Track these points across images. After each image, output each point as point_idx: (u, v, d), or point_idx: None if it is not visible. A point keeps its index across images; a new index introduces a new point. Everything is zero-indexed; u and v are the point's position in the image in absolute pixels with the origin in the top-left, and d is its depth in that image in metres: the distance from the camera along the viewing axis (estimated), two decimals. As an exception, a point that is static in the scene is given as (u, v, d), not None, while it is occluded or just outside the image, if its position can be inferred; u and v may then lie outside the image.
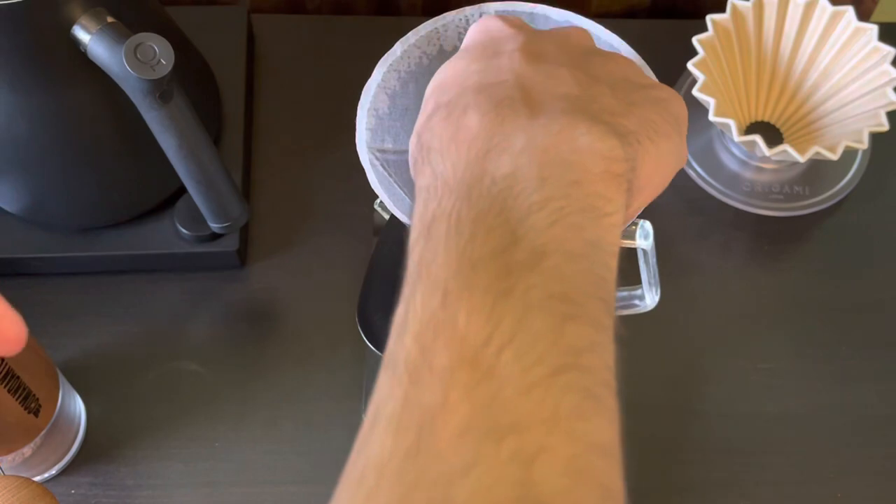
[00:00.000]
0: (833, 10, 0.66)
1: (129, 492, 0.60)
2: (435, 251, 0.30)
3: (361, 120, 0.41)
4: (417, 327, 0.29)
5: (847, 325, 0.66)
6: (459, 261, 0.29)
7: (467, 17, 0.42)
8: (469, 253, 0.29)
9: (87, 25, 0.51)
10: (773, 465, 0.61)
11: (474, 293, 0.28)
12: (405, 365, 0.28)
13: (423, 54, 0.42)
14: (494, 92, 0.33)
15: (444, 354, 0.27)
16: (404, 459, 0.26)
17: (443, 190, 0.31)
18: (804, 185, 0.69)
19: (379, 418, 0.28)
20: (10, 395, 0.51)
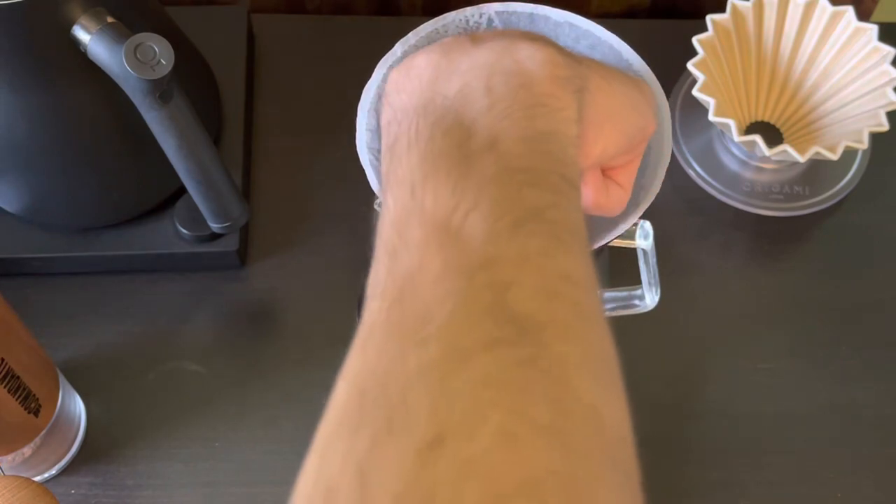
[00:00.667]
0: (833, 10, 0.66)
1: (129, 492, 0.60)
2: (399, 160, 0.33)
3: (361, 121, 0.41)
4: (392, 218, 0.31)
5: (847, 325, 0.66)
6: (421, 159, 0.32)
7: (467, 17, 0.42)
8: (428, 151, 0.32)
9: (87, 25, 0.51)
10: (773, 465, 0.61)
11: (438, 178, 0.31)
12: (385, 249, 0.31)
13: None
14: (442, 43, 0.36)
15: (416, 230, 0.30)
16: (389, 310, 0.29)
17: (401, 115, 0.34)
18: (804, 185, 0.69)
19: (369, 297, 0.30)
20: (10, 395, 0.51)
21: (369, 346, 0.28)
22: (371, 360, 0.28)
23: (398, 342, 0.28)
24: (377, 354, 0.28)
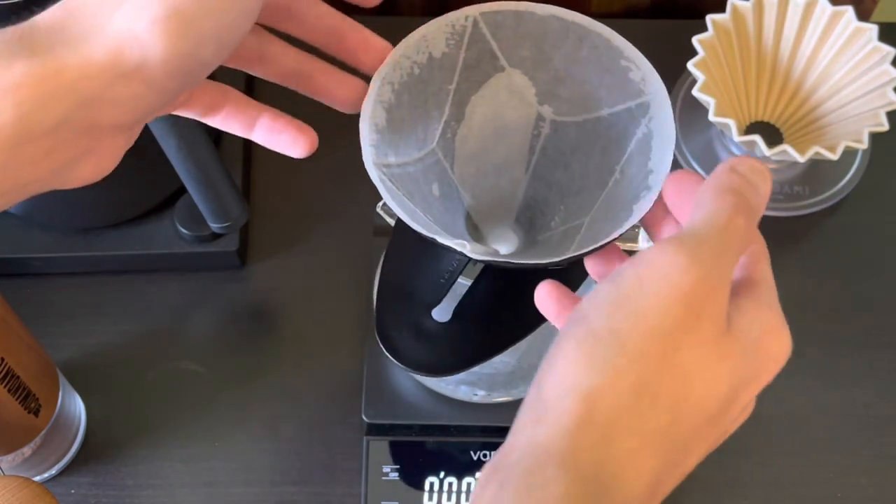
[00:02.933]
0: (833, 10, 0.65)
1: (129, 492, 0.60)
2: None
3: (365, 137, 0.40)
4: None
5: (847, 325, 0.66)
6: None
7: (452, 22, 0.42)
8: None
9: (87, 25, 0.51)
10: (773, 465, 0.61)
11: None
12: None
13: (414, 63, 0.42)
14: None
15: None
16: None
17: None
18: (804, 185, 0.69)
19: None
20: (10, 395, 0.51)
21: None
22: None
23: None
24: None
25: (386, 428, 0.60)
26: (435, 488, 0.59)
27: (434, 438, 0.60)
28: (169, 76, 0.33)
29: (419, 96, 0.42)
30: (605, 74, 0.42)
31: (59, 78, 0.32)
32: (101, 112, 0.33)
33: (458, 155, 0.44)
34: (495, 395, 0.58)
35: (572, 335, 0.33)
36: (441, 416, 0.60)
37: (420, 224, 0.39)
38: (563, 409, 0.32)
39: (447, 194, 0.44)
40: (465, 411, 0.60)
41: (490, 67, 0.43)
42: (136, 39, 0.32)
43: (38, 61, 0.32)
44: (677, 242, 0.33)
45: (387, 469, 0.59)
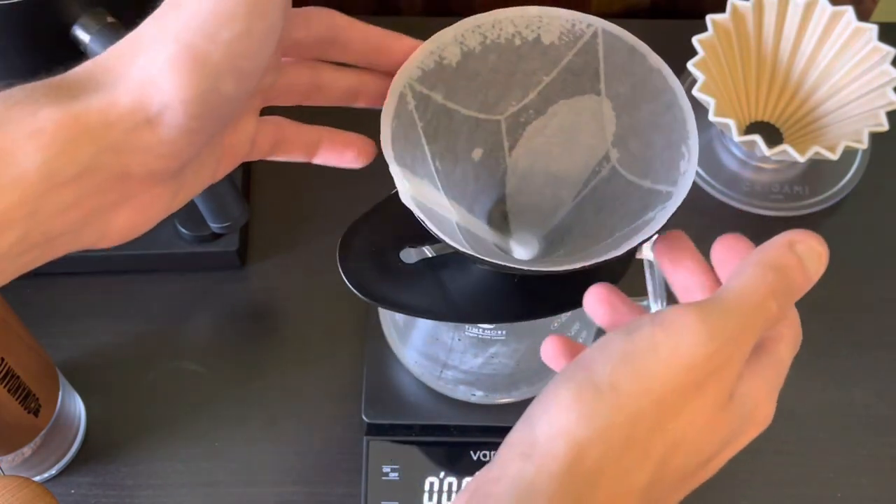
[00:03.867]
0: (833, 10, 0.66)
1: (129, 492, 0.60)
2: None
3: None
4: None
5: (847, 325, 0.66)
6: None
7: (573, 21, 0.42)
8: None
9: (87, 25, 0.51)
10: (773, 465, 0.61)
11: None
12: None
13: (502, 33, 0.42)
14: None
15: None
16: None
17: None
18: (804, 185, 0.69)
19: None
20: (10, 395, 0.51)
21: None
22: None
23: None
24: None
25: (386, 428, 0.60)
26: (435, 488, 0.59)
27: (434, 438, 0.60)
28: (193, 117, 0.33)
29: (507, 63, 0.42)
30: (667, 150, 0.41)
31: (81, 124, 0.32)
32: (129, 159, 0.33)
33: (521, 142, 0.44)
34: (493, 395, 0.58)
35: (573, 380, 0.33)
36: (441, 416, 0.60)
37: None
38: (552, 452, 0.32)
39: (490, 167, 0.44)
40: (465, 411, 0.60)
41: (588, 85, 0.43)
42: (154, 83, 0.32)
43: (62, 108, 0.32)
44: (701, 311, 0.33)
45: (387, 469, 0.59)
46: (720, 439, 0.34)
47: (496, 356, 0.54)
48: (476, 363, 0.55)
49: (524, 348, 0.54)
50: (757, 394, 0.35)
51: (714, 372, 0.33)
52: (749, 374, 0.35)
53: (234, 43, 0.33)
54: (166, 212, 0.38)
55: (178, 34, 0.32)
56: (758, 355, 0.36)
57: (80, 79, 0.34)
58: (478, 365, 0.55)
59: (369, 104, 0.43)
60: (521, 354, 0.54)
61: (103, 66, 0.34)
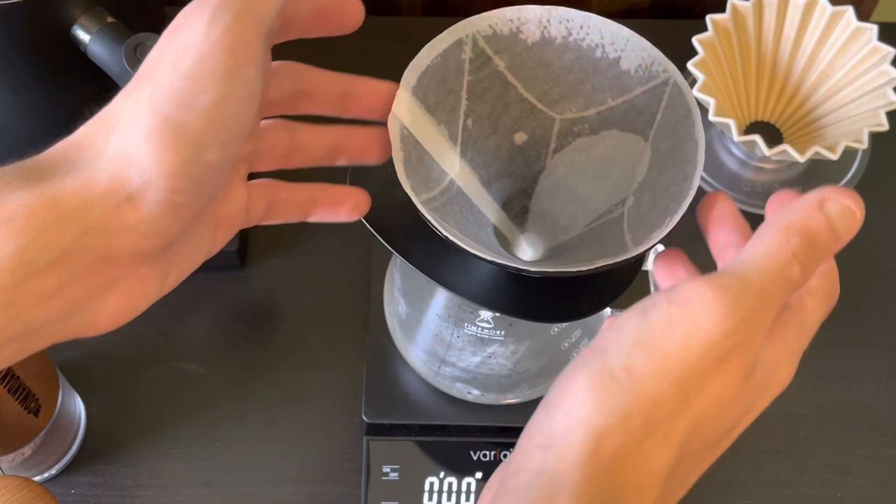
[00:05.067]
0: (833, 10, 0.66)
1: (129, 492, 0.60)
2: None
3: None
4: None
5: (847, 325, 0.66)
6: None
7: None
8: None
9: (87, 25, 0.51)
10: (773, 465, 0.61)
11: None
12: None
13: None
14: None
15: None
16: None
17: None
18: (804, 185, 0.69)
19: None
20: (10, 395, 0.51)
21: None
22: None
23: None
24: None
25: (386, 428, 0.60)
26: (435, 488, 0.59)
27: (434, 438, 0.60)
28: (176, 191, 0.31)
29: (582, 69, 0.42)
30: (658, 214, 0.41)
31: (57, 207, 0.30)
32: (111, 241, 0.31)
33: (567, 150, 0.44)
34: (489, 396, 0.58)
35: (588, 367, 0.32)
36: (441, 415, 0.60)
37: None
38: (571, 442, 0.32)
39: (529, 157, 0.44)
40: (465, 411, 0.60)
41: (642, 126, 0.42)
42: (131, 159, 0.31)
43: (35, 191, 0.30)
44: (719, 285, 0.32)
45: (387, 469, 0.59)
46: (742, 409, 0.34)
47: (494, 356, 0.54)
48: (474, 361, 0.55)
49: (522, 351, 0.54)
50: (777, 357, 0.34)
51: (736, 347, 0.32)
52: (769, 338, 0.34)
53: (213, 110, 0.31)
54: (158, 293, 0.36)
55: (154, 105, 0.31)
56: (779, 316, 0.34)
57: (53, 160, 0.32)
58: (475, 364, 0.55)
59: (352, 161, 0.41)
60: (519, 357, 0.54)
61: (77, 144, 0.32)
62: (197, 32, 0.31)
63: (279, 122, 0.39)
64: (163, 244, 0.33)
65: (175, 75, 0.31)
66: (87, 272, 0.31)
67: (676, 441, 0.32)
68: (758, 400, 0.34)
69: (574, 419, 0.32)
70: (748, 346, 0.32)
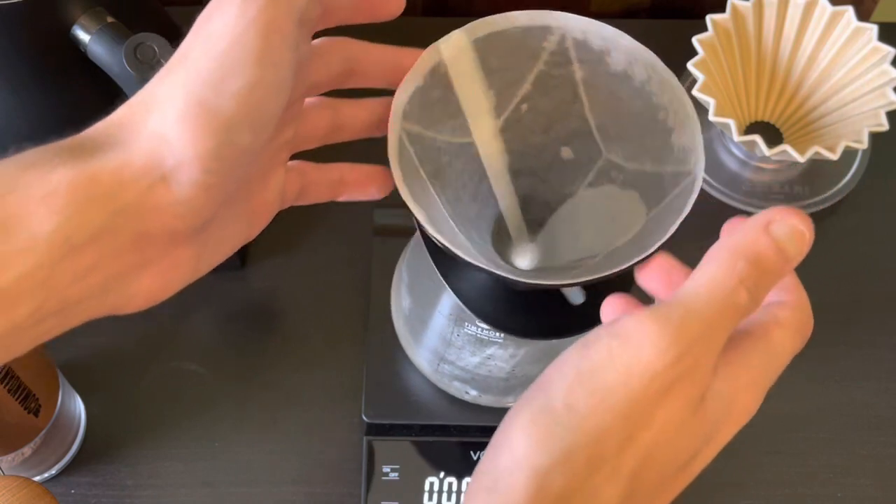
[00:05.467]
0: (833, 10, 0.65)
1: (129, 492, 0.60)
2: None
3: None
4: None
5: (847, 325, 0.66)
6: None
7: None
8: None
9: (86, 25, 0.51)
10: (773, 465, 0.61)
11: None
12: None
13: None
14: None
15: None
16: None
17: None
18: (804, 185, 0.69)
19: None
20: (10, 395, 0.51)
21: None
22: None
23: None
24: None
25: (386, 428, 0.60)
26: (435, 488, 0.59)
27: (434, 438, 0.60)
28: (209, 172, 0.32)
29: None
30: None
31: (95, 185, 0.31)
32: (147, 220, 0.32)
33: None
34: (486, 397, 0.58)
35: (530, 406, 0.32)
36: (441, 415, 0.60)
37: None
38: (513, 484, 0.31)
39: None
40: (466, 411, 0.60)
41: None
42: (166, 140, 0.31)
43: (75, 169, 0.31)
44: (660, 316, 0.31)
45: (387, 469, 0.59)
46: (696, 441, 0.33)
47: (492, 358, 0.54)
48: (473, 361, 0.55)
49: (521, 355, 0.54)
50: (735, 386, 0.33)
51: (681, 377, 0.31)
52: (725, 365, 0.33)
53: (245, 93, 0.32)
54: (192, 274, 0.36)
55: (187, 88, 0.31)
56: (739, 345, 0.33)
57: (94, 138, 0.32)
58: (474, 364, 0.55)
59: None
60: (518, 361, 0.54)
61: (116, 124, 0.33)
62: (229, 17, 0.32)
63: (320, 99, 0.40)
64: (196, 225, 0.34)
65: (207, 59, 0.32)
66: (122, 250, 0.32)
67: (625, 475, 0.31)
68: (717, 430, 0.33)
69: (516, 459, 0.31)
70: (694, 375, 0.31)
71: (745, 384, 0.33)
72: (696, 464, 0.34)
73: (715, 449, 0.34)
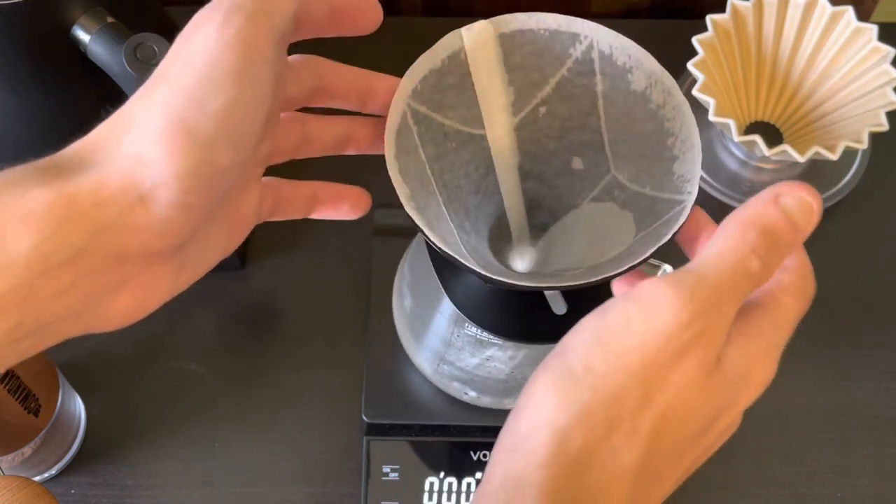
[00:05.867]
0: (833, 10, 0.65)
1: (129, 492, 0.60)
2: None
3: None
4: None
5: (847, 325, 0.66)
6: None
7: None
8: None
9: (87, 25, 0.51)
10: (773, 466, 0.61)
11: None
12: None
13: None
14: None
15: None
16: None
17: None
18: (804, 185, 0.69)
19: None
20: (10, 395, 0.51)
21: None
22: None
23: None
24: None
25: (386, 428, 0.60)
26: (435, 488, 0.59)
27: (434, 438, 0.60)
28: (187, 191, 0.32)
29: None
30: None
31: (72, 205, 0.31)
32: (124, 240, 0.32)
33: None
34: (484, 398, 0.58)
35: (550, 369, 0.33)
36: (441, 415, 0.60)
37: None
38: (535, 443, 0.32)
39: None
40: (465, 411, 0.60)
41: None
42: (143, 162, 0.31)
43: (52, 189, 0.31)
44: (674, 281, 0.32)
45: (387, 469, 0.59)
46: (714, 405, 0.33)
47: (492, 359, 0.54)
48: (472, 362, 0.55)
49: (521, 357, 0.54)
50: (751, 354, 0.34)
51: (695, 339, 0.32)
52: (739, 334, 0.34)
53: (224, 112, 0.31)
54: (171, 292, 0.36)
55: (167, 107, 0.31)
56: (750, 314, 0.34)
57: (70, 158, 0.32)
58: (473, 365, 0.55)
59: (360, 151, 0.42)
60: (517, 363, 0.54)
61: (92, 144, 0.33)
62: (209, 35, 0.32)
63: (289, 114, 0.40)
64: (176, 244, 0.34)
65: (187, 77, 0.31)
66: (101, 270, 0.32)
67: (643, 436, 0.32)
68: (736, 397, 0.34)
69: (538, 419, 0.32)
70: (708, 337, 0.32)
71: (760, 350, 0.34)
72: (715, 430, 0.34)
73: (735, 415, 0.35)
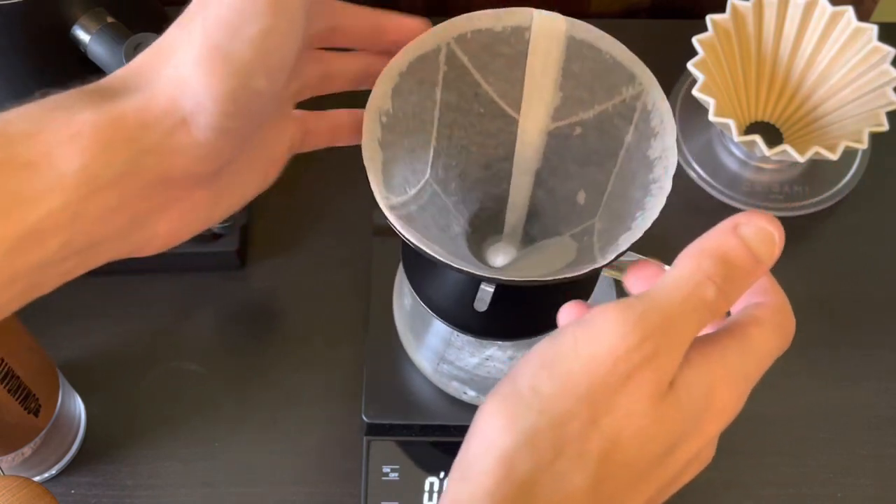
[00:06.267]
0: (833, 10, 0.66)
1: (128, 492, 0.60)
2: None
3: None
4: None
5: (847, 325, 0.66)
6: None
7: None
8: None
9: (87, 25, 0.51)
10: (773, 466, 0.61)
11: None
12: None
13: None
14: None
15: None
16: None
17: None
18: (804, 185, 0.69)
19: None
20: (10, 395, 0.51)
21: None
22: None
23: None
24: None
25: (386, 428, 0.60)
26: (435, 488, 0.59)
27: (434, 438, 0.60)
28: (226, 115, 0.33)
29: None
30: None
31: (118, 127, 0.32)
32: (167, 162, 0.33)
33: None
34: (484, 398, 0.58)
35: (499, 392, 0.33)
36: (441, 416, 0.60)
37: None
38: (482, 469, 0.31)
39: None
40: (465, 411, 0.60)
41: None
42: (185, 84, 0.33)
43: (99, 111, 0.32)
44: (624, 306, 0.32)
45: (387, 469, 0.59)
46: (669, 430, 0.33)
47: (491, 359, 0.54)
48: (472, 362, 0.55)
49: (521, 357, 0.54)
50: (710, 378, 0.33)
51: (643, 362, 0.31)
52: (700, 356, 0.33)
53: (260, 39, 0.33)
54: (209, 219, 0.38)
55: (205, 34, 0.33)
56: (716, 340, 0.34)
57: (115, 83, 0.34)
58: (472, 365, 0.55)
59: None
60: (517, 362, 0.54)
61: (136, 70, 0.34)
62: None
63: (310, 52, 0.41)
64: (215, 168, 0.35)
65: (224, 7, 0.33)
66: (145, 191, 0.33)
67: (592, 460, 0.32)
68: (697, 423, 0.33)
69: (485, 444, 0.32)
70: (658, 361, 0.32)
71: (721, 377, 0.33)
72: (679, 456, 0.34)
73: (702, 443, 0.34)
